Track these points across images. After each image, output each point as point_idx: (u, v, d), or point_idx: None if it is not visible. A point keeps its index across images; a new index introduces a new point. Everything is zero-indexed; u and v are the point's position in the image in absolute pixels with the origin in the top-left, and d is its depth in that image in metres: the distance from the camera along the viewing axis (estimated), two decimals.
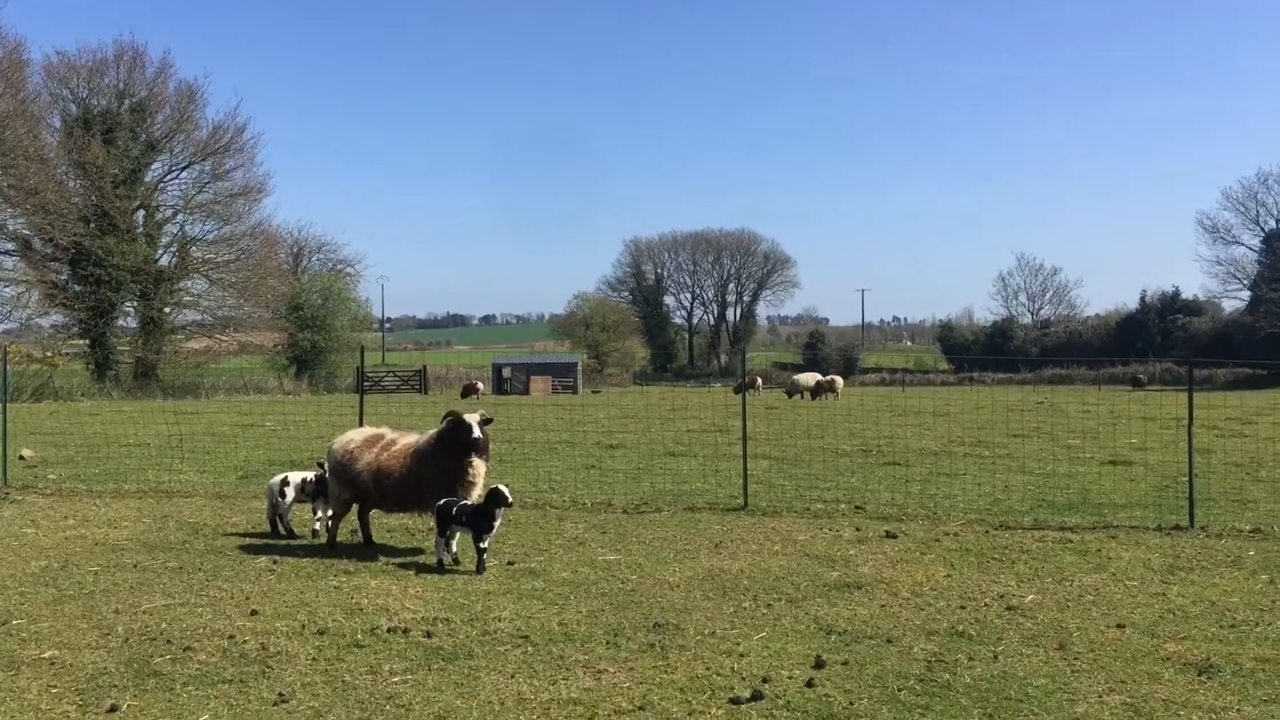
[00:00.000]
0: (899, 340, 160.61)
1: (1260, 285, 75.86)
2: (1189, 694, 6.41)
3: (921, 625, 7.95)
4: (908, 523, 12.45)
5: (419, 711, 6.11)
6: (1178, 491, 14.15)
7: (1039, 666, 6.96)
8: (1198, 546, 10.96)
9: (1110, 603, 8.64)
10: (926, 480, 16.36)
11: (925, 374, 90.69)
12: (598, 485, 15.87)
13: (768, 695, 6.36)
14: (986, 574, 9.73)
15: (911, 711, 6.12)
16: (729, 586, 9.21)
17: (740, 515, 13.07)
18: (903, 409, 33.54)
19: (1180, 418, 13.67)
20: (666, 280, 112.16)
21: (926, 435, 24.47)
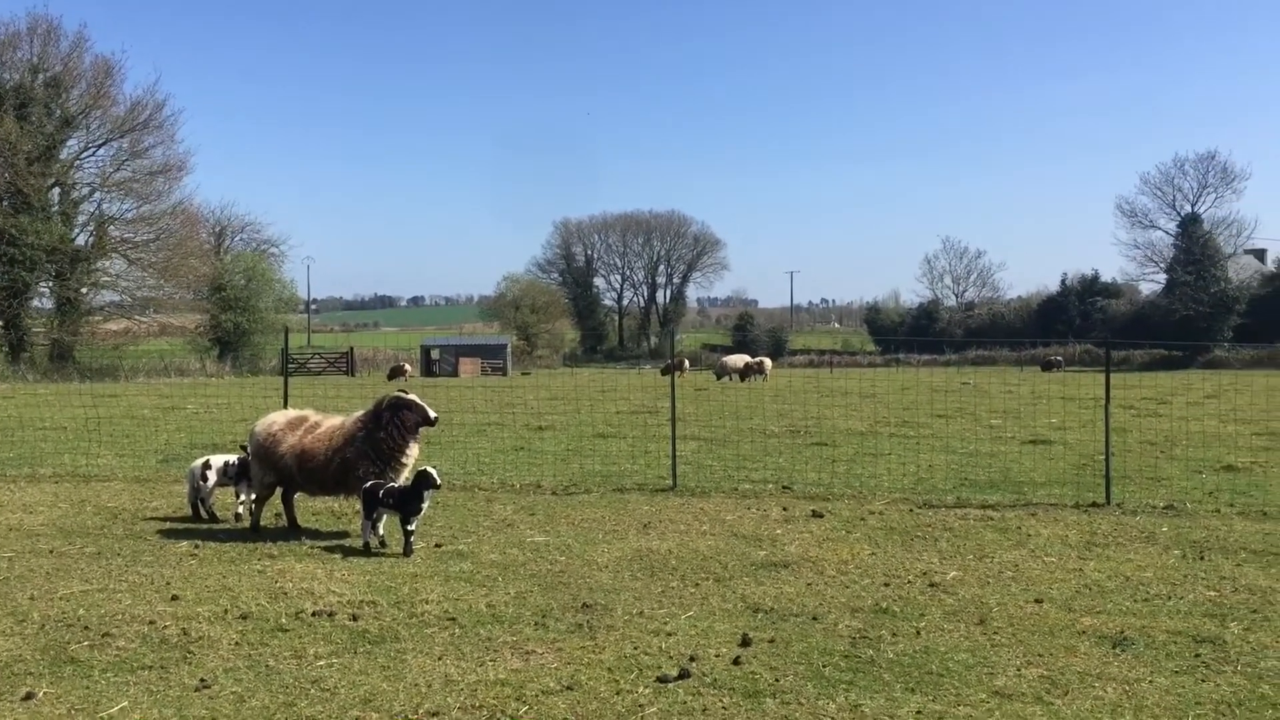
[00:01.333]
0: (827, 322, 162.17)
1: (1176, 269, 77.74)
2: (1104, 666, 6.57)
3: (846, 603, 8.05)
4: (834, 502, 12.60)
5: (344, 695, 6.05)
6: (1095, 470, 14.48)
7: (960, 641, 7.09)
8: (1113, 523, 11.24)
9: (1029, 578, 8.82)
10: (853, 460, 16.56)
11: (853, 355, 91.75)
12: (527, 467, 15.83)
13: (695, 673, 6.40)
14: (910, 552, 9.89)
15: (836, 687, 6.20)
16: (657, 567, 9.25)
17: (669, 496, 13.12)
18: (830, 390, 33.88)
19: (1098, 398, 14.00)
20: (596, 262, 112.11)
21: (853, 416, 24.77)
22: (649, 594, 8.32)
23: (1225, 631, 7.25)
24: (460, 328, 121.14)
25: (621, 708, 5.87)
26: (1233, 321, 72.03)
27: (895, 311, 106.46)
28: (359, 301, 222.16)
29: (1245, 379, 42.30)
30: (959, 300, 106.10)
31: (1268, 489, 13.49)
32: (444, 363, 66.12)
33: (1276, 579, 8.74)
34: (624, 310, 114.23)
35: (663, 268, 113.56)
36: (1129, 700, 5.99)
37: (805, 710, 5.84)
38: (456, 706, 5.88)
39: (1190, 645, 6.97)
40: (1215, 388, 36.19)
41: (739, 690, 6.14)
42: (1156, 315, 74.18)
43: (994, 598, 8.20)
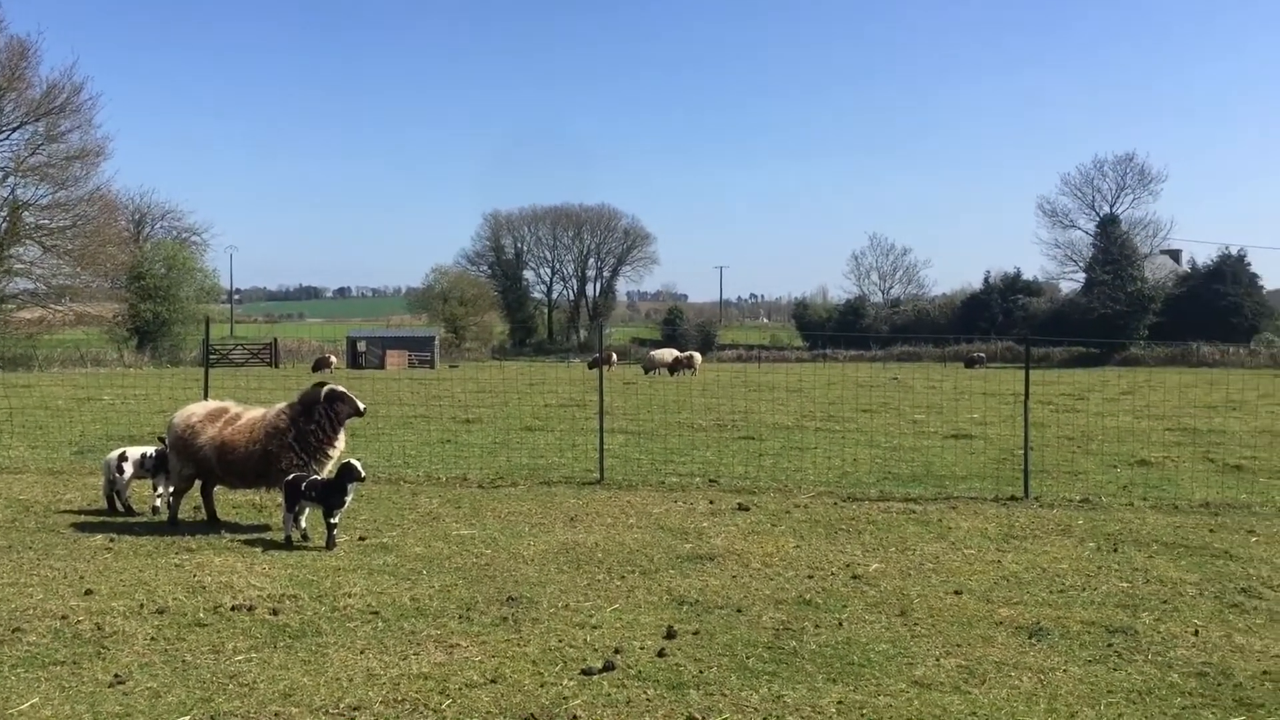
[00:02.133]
0: (756, 317, 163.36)
1: (1094, 268, 79.36)
2: (1020, 656, 6.71)
3: (771, 595, 8.12)
4: (760, 495, 12.69)
5: (263, 690, 5.96)
6: (1014, 464, 14.76)
7: (881, 632, 7.18)
8: (1031, 516, 11.46)
9: (949, 570, 8.97)
10: (779, 454, 16.69)
11: (780, 350, 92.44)
12: (453, 460, 15.72)
13: (619, 665, 6.41)
14: (834, 544, 9.99)
15: (759, 678, 6.24)
16: (583, 560, 9.24)
17: (596, 489, 13.11)
18: (758, 385, 34.14)
19: (1018, 394, 14.28)
20: (526, 255, 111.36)
21: (780, 410, 24.97)
22: (575, 587, 8.31)
23: (1137, 622, 7.44)
24: (387, 320, 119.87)
25: (546, 700, 5.85)
26: (1148, 320, 73.76)
27: (823, 308, 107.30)
28: (283, 292, 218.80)
29: (1159, 376, 43.44)
30: (885, 297, 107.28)
31: (1179, 483, 13.86)
32: (371, 355, 65.36)
33: (1187, 571, 8.98)
34: (553, 303, 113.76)
35: (593, 261, 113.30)
36: (1044, 689, 6.11)
37: (728, 701, 5.88)
38: (379, 700, 5.82)
39: (1103, 635, 7.14)
40: (1130, 384, 37.14)
41: (663, 682, 6.15)
42: (1076, 313, 75.68)
43: (915, 589, 8.32)
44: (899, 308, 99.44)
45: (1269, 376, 45.02)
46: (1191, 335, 67.13)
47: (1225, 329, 70.93)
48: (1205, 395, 29.48)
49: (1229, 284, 75.11)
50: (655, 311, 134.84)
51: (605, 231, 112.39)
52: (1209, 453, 17.07)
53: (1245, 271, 77.11)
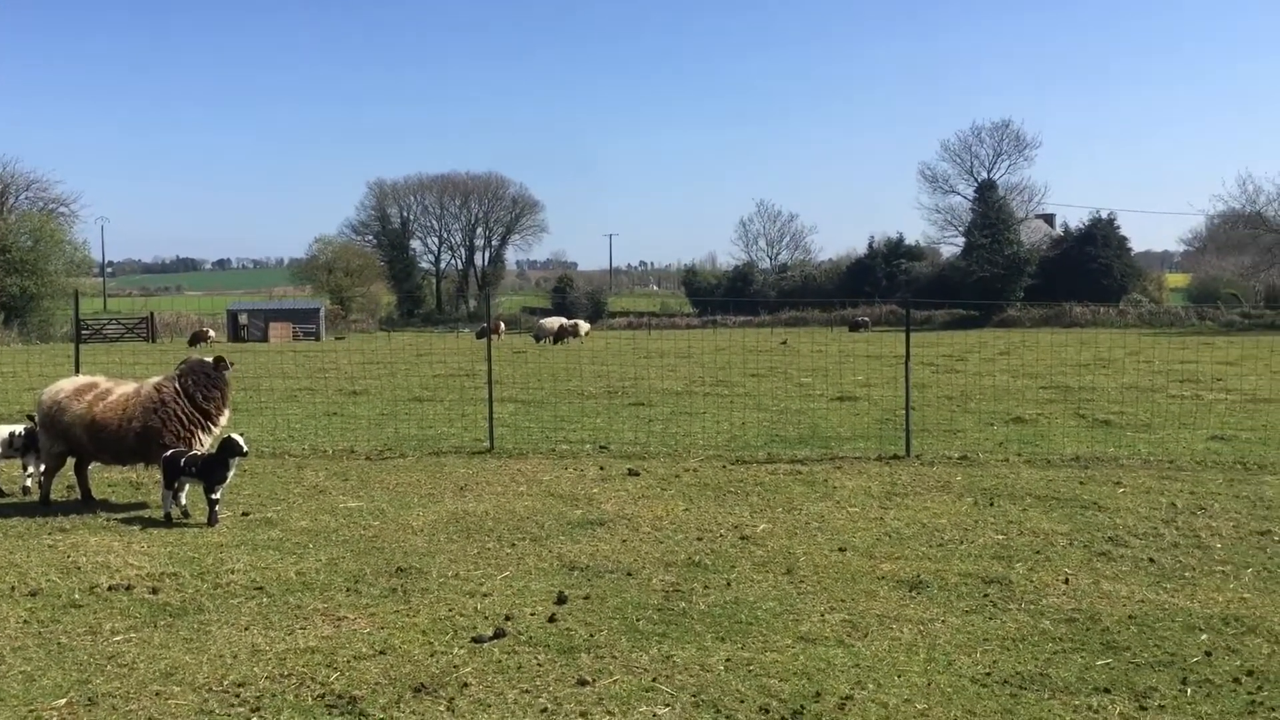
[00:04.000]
0: (646, 285, 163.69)
1: (973, 232, 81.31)
2: (901, 608, 6.91)
3: (660, 558, 8.20)
4: (650, 460, 12.78)
5: (143, 670, 5.82)
6: (896, 424, 15.13)
7: (768, 591, 7.32)
8: (913, 474, 11.78)
9: (834, 528, 9.17)
10: (669, 419, 16.83)
11: (670, 317, 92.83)
12: (340, 432, 15.48)
13: (510, 632, 6.42)
14: (723, 506, 10.13)
15: (649, 640, 6.32)
16: (473, 528, 9.20)
17: (486, 458, 13.06)
18: (648, 351, 34.29)
19: (901, 356, 14.62)
20: (413, 224, 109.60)
21: (670, 376, 25.14)
22: (465, 556, 8.28)
23: (1011, 572, 7.72)
24: (270, 291, 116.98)
25: (436, 669, 5.84)
26: (1024, 282, 76.00)
27: (712, 274, 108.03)
28: (159, 264, 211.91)
29: (1034, 336, 44.87)
30: (773, 263, 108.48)
31: (1051, 439, 14.37)
32: (253, 328, 63.83)
33: (1058, 522, 9.34)
34: (442, 273, 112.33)
35: (481, 230, 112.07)
36: (923, 639, 6.31)
37: (619, 663, 5.94)
38: (264, 676, 5.73)
39: (980, 586, 7.39)
40: (1008, 345, 38.32)
41: (554, 647, 6.18)
42: (956, 276, 77.58)
43: (801, 548, 8.49)
44: (786, 273, 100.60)
45: (1136, 335, 46.95)
46: (1065, 296, 69.36)
47: (1096, 290, 73.45)
48: (1077, 354, 30.56)
49: (1100, 247, 77.84)
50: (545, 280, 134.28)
51: (493, 200, 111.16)
52: (1080, 409, 17.73)
53: (1115, 235, 79.97)
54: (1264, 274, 73.53)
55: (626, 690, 5.57)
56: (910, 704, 5.37)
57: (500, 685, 5.64)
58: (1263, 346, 33.02)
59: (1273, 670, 5.76)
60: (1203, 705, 5.33)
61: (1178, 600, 7.05)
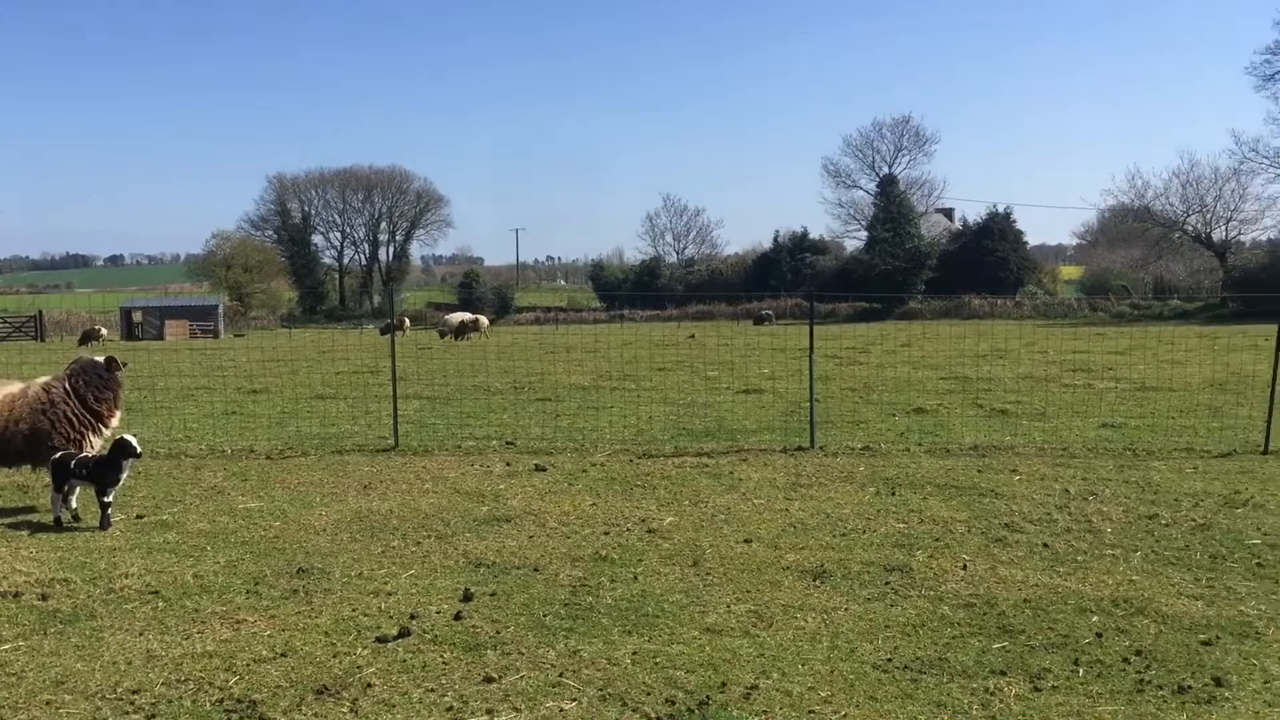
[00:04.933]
0: (553, 279, 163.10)
1: (876, 226, 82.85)
2: (805, 597, 7.00)
3: (568, 552, 8.19)
4: (557, 456, 12.75)
5: (32, 678, 5.62)
6: (801, 416, 15.31)
7: (675, 583, 7.36)
8: (817, 465, 11.94)
9: (740, 520, 9.25)
10: (576, 414, 16.80)
11: (578, 312, 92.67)
12: (239, 431, 15.15)
13: (415, 631, 6.35)
14: (630, 500, 10.15)
15: (556, 635, 6.30)
16: (377, 527, 9.08)
17: (391, 456, 12.90)
18: (555, 346, 34.24)
19: (806, 348, 14.78)
20: (314, 219, 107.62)
21: (577, 371, 25.10)
22: (369, 555, 8.17)
23: (912, 560, 7.87)
24: (165, 288, 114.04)
25: (339, 670, 5.75)
26: (925, 275, 77.62)
27: (619, 268, 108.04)
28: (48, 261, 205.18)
29: (934, 328, 45.81)
30: (680, 257, 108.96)
31: (951, 428, 14.69)
32: (148, 325, 62.18)
33: (957, 509, 9.55)
34: (345, 269, 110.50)
35: (385, 225, 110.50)
36: (827, 627, 6.40)
37: (525, 659, 5.91)
38: (160, 682, 5.58)
39: (882, 574, 7.53)
40: (909, 337, 39.06)
41: (460, 644, 6.14)
42: (859, 270, 78.86)
43: (707, 540, 8.55)
44: (693, 268, 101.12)
45: (1031, 326, 48.20)
46: (964, 289, 70.95)
47: (994, 282, 75.31)
48: (975, 345, 31.28)
49: (997, 240, 79.86)
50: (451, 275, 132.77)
51: (397, 194, 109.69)
52: (978, 399, 18.14)
53: (1011, 228, 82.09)
54: (1152, 266, 76.21)
55: (533, 686, 5.55)
56: (814, 692, 5.44)
57: (405, 684, 5.57)
58: (1150, 337, 34.16)
59: (1159, 649, 5.96)
60: (1094, 685, 5.50)
61: (1070, 583, 7.26)
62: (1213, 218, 70.91)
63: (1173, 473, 11.19)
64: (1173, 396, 18.09)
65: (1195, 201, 71.30)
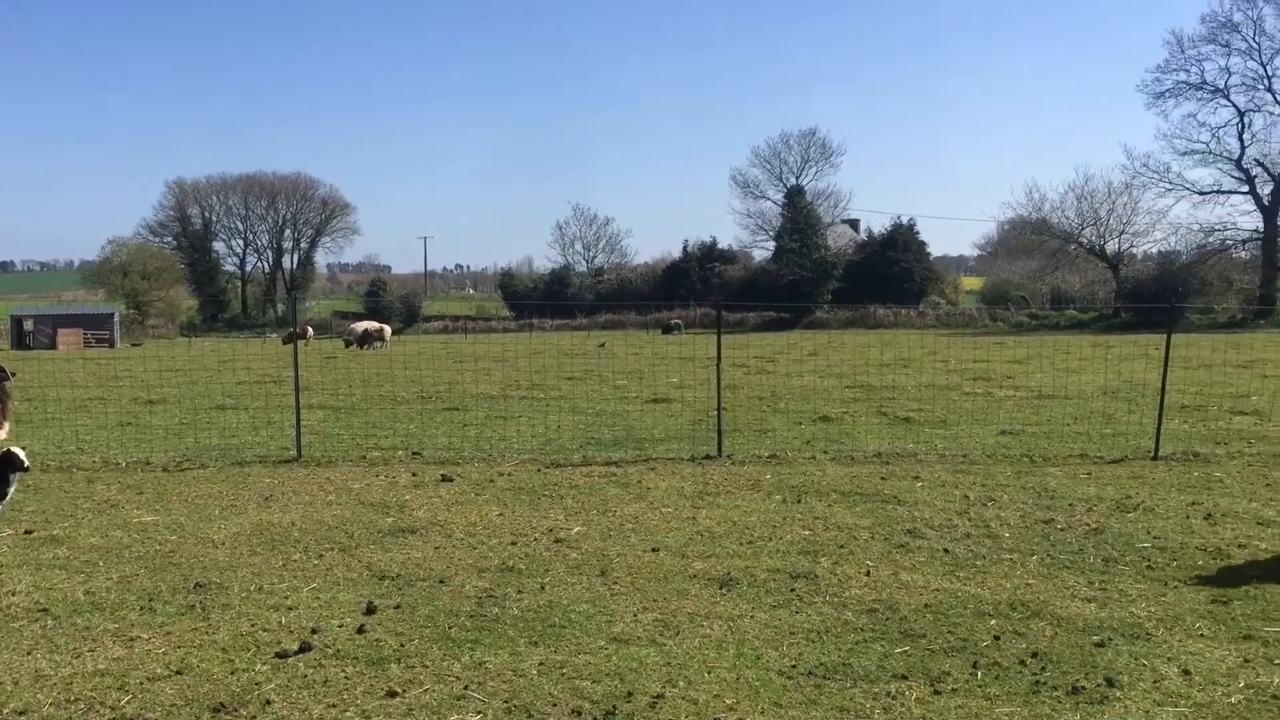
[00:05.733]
0: (462, 288, 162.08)
1: (783, 236, 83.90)
2: (712, 606, 7.03)
3: (474, 564, 8.11)
4: (464, 465, 12.64)
5: None
6: (709, 424, 15.39)
7: (582, 593, 7.33)
8: (724, 473, 12.01)
9: (647, 529, 9.26)
10: (484, 424, 16.68)
11: (487, 321, 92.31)
12: (134, 443, 14.74)
13: (317, 646, 6.23)
14: (537, 510, 10.10)
15: (461, 647, 6.24)
16: (278, 540, 8.90)
17: (293, 467, 12.66)
18: (464, 355, 33.99)
19: (714, 357, 14.87)
20: (216, 225, 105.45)
21: (485, 380, 24.94)
22: (269, 569, 8.00)
23: (817, 566, 7.96)
24: (58, 295, 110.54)
25: (237, 687, 5.61)
26: (831, 285, 78.80)
27: (529, 277, 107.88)
28: None
29: (840, 337, 46.52)
30: (589, 266, 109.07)
31: (856, 436, 14.90)
32: (39, 334, 60.28)
33: (861, 516, 9.68)
34: (247, 276, 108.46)
35: (289, 232, 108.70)
36: (733, 635, 6.44)
37: (430, 672, 5.84)
38: (49, 703, 5.39)
39: (787, 581, 7.60)
40: (816, 346, 39.58)
41: (362, 659, 6.04)
42: (767, 280, 79.69)
43: (615, 549, 8.55)
44: (603, 277, 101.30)
45: (934, 335, 49.24)
46: (869, 299, 72.29)
47: (899, 292, 76.83)
48: (880, 354, 31.82)
49: (901, 251, 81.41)
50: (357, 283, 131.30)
51: (301, 201, 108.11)
52: (882, 407, 18.44)
53: (915, 239, 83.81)
54: (1049, 277, 78.37)
55: (437, 699, 5.48)
56: (719, 699, 5.47)
57: (305, 700, 5.47)
58: (1047, 346, 35.13)
59: (1055, 651, 6.11)
60: (992, 687, 5.62)
61: (970, 588, 7.41)
62: (1106, 230, 73.30)
63: (1068, 478, 11.49)
64: (1068, 404, 18.60)
65: (1090, 215, 73.65)
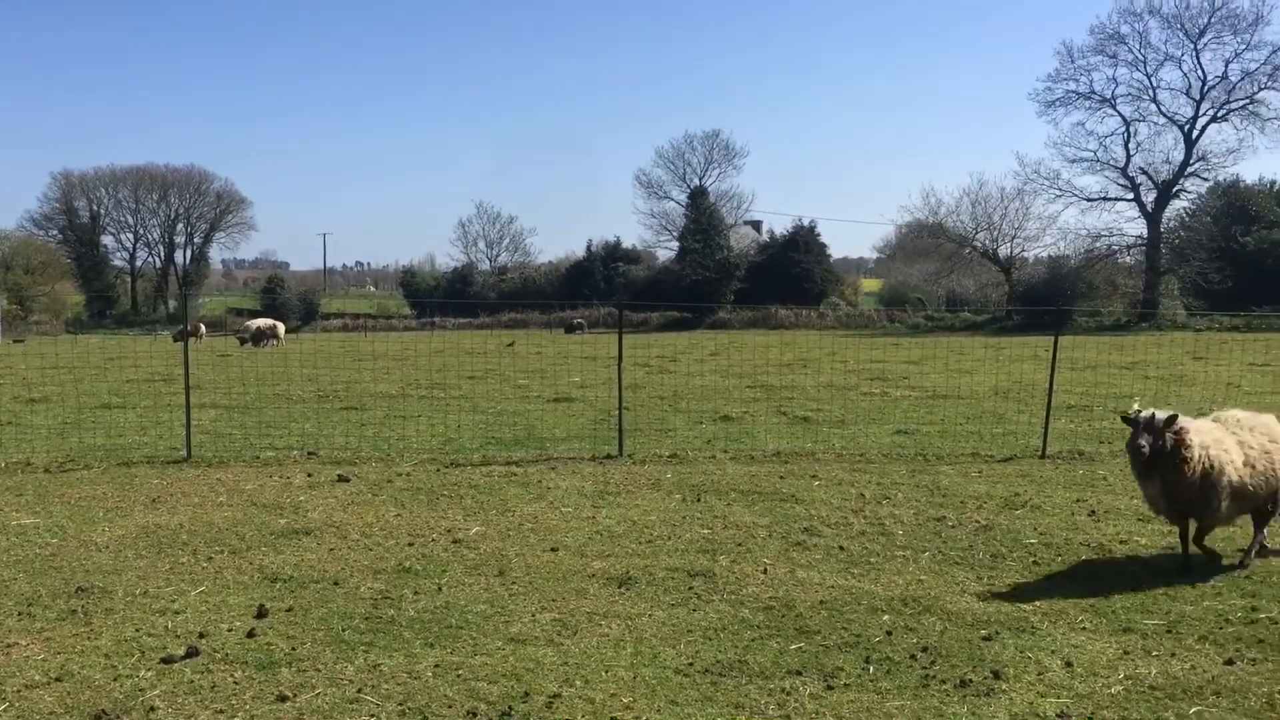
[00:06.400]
0: (363, 286, 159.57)
1: (686, 237, 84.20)
2: (610, 605, 7.03)
3: (370, 565, 8.00)
4: (361, 466, 12.45)
5: None
6: (611, 424, 15.39)
7: (480, 593, 7.28)
8: (625, 473, 12.03)
9: (547, 529, 9.23)
10: (382, 423, 16.45)
11: (388, 319, 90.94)
12: (14, 444, 14.21)
13: (204, 650, 6.08)
14: (435, 510, 9.99)
15: (355, 649, 6.14)
16: (166, 542, 8.66)
17: (183, 467, 12.33)
18: (364, 354, 33.48)
19: (617, 357, 14.86)
20: (104, 219, 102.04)
21: (385, 379, 24.61)
22: (155, 572, 7.78)
23: (715, 565, 8.01)
24: None
25: (119, 694, 5.45)
26: (734, 286, 79.29)
27: (431, 275, 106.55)
28: None
29: (742, 338, 46.95)
30: (493, 265, 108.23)
31: (756, 435, 15.05)
32: None
33: (759, 515, 9.78)
34: (138, 272, 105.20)
35: (182, 226, 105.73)
36: (630, 634, 6.45)
37: (322, 676, 5.74)
38: None
39: (685, 579, 7.63)
40: (718, 346, 39.87)
41: (252, 663, 5.91)
42: (670, 280, 79.86)
43: (514, 549, 8.50)
44: (506, 275, 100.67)
45: (834, 336, 49.95)
46: (771, 300, 72.88)
47: (799, 293, 77.64)
48: (780, 355, 32.16)
49: (802, 253, 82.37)
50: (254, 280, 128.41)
51: (195, 195, 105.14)
52: (781, 406, 18.65)
53: (816, 241, 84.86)
54: (945, 280, 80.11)
55: (330, 703, 5.39)
56: (616, 698, 5.47)
57: (191, 707, 5.33)
58: (942, 347, 35.87)
59: (944, 646, 6.24)
60: (883, 681, 5.71)
61: (863, 584, 7.53)
62: (999, 235, 74.93)
63: (960, 476, 11.76)
64: (961, 404, 19.03)
65: (984, 219, 75.20)
